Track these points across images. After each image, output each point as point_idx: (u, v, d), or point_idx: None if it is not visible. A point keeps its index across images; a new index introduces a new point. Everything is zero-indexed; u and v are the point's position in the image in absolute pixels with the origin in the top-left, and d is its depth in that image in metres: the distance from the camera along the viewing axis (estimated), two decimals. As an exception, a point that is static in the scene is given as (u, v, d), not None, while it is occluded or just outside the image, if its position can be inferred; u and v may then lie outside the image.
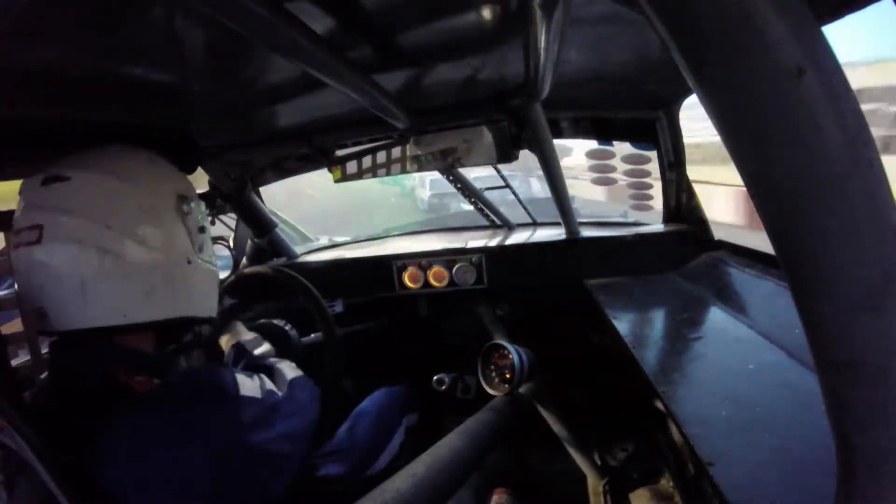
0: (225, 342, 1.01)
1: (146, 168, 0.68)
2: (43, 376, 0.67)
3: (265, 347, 0.98)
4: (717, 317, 1.02)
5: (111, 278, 0.61)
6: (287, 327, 1.16)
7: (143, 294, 0.64)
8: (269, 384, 0.72)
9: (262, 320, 1.19)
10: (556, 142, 1.27)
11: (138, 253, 0.63)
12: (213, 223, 1.35)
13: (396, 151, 1.24)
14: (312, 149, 1.22)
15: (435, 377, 1.49)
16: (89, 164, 0.63)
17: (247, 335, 1.00)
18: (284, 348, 1.05)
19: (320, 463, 0.94)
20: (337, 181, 1.33)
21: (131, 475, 0.53)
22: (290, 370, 0.84)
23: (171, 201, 0.68)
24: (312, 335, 1.20)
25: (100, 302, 0.61)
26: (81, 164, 0.63)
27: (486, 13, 0.63)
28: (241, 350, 0.96)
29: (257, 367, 0.85)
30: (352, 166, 1.30)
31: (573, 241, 1.48)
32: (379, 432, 1.08)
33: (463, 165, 1.31)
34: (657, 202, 1.53)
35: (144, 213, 0.64)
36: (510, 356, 1.25)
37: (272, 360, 0.90)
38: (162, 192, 0.68)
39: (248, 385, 0.66)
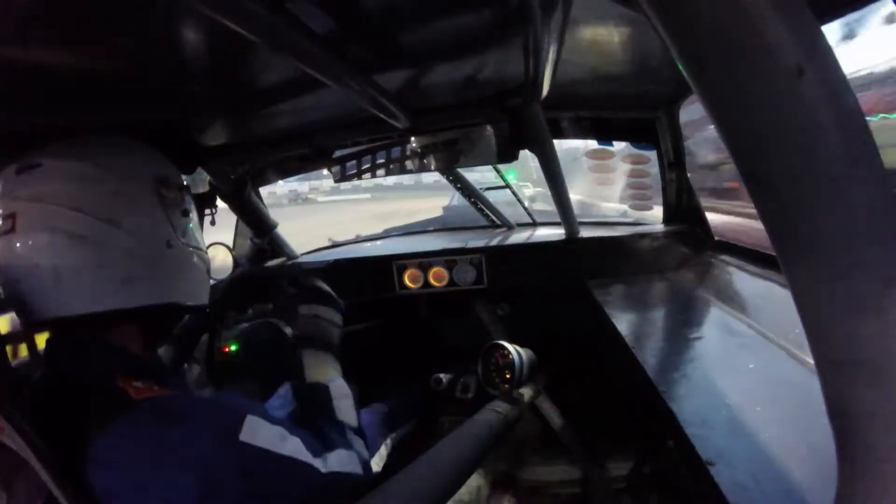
0: (313, 371, 0.83)
1: (121, 152, 0.67)
2: (38, 374, 0.67)
3: (350, 409, 0.78)
4: (717, 317, 1.02)
5: (86, 265, 0.60)
6: (285, 327, 1.16)
7: (121, 281, 0.62)
8: (299, 451, 0.62)
9: (259, 320, 1.19)
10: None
11: (114, 238, 0.62)
12: (213, 223, 1.35)
13: (396, 151, 1.24)
14: (312, 149, 1.22)
15: (433, 376, 1.48)
16: (63, 152, 0.63)
17: (338, 380, 0.81)
18: (280, 349, 1.04)
19: None
20: (337, 181, 1.34)
21: (119, 484, 0.53)
22: (347, 462, 0.69)
23: (147, 185, 0.67)
24: None
25: (74, 290, 0.60)
26: (55, 151, 0.63)
27: (486, 13, 0.62)
28: (323, 393, 0.78)
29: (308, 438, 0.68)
30: (352, 166, 1.30)
31: (573, 241, 1.48)
32: (373, 432, 1.07)
33: (462, 165, 1.31)
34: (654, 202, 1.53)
35: (119, 197, 0.63)
36: (510, 356, 1.24)
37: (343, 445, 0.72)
38: (138, 175, 0.67)
39: (260, 432, 0.59)
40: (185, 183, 0.75)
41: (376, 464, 1.08)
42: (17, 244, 0.59)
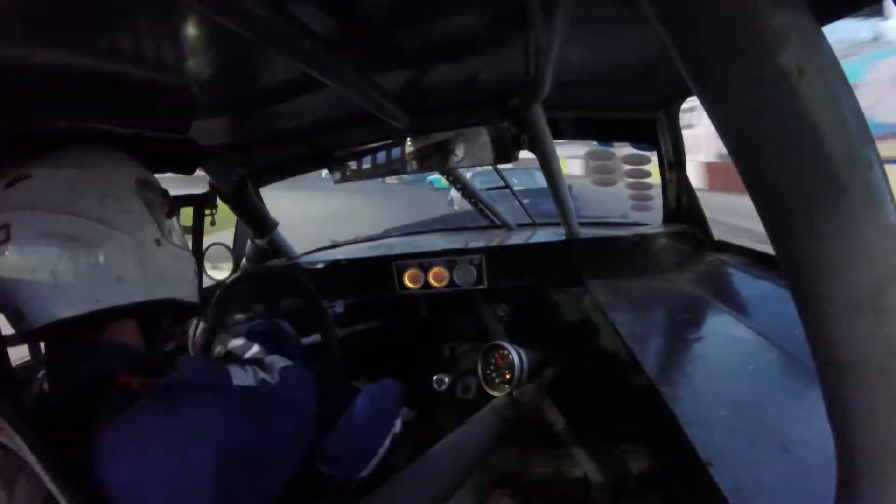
0: (217, 353, 1.01)
1: (103, 159, 0.70)
2: (40, 375, 0.67)
3: (255, 349, 0.98)
4: (717, 317, 1.02)
5: (81, 265, 0.62)
6: (285, 327, 1.16)
7: (115, 278, 0.65)
8: (263, 374, 0.73)
9: (260, 320, 1.19)
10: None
11: (105, 237, 0.64)
12: (213, 223, 1.35)
13: (396, 152, 1.24)
14: (312, 149, 1.22)
15: (435, 377, 1.48)
16: (49, 161, 0.66)
17: (235, 342, 1.00)
18: (282, 349, 1.04)
19: (316, 464, 0.94)
20: (337, 182, 1.34)
21: (131, 476, 0.53)
22: (280, 361, 0.84)
23: (131, 185, 0.70)
24: (311, 336, 1.20)
25: (72, 290, 0.62)
26: (41, 163, 0.65)
27: (486, 13, 0.63)
28: (231, 357, 0.96)
29: (249, 361, 0.85)
30: (351, 167, 1.30)
31: (573, 241, 1.48)
32: (374, 431, 1.08)
33: (462, 166, 1.31)
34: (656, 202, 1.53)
35: (107, 197, 0.66)
36: (510, 356, 1.24)
37: (262, 356, 0.90)
38: (122, 178, 0.70)
39: (241, 375, 0.67)
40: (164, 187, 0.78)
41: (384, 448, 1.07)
42: (13, 253, 0.61)
